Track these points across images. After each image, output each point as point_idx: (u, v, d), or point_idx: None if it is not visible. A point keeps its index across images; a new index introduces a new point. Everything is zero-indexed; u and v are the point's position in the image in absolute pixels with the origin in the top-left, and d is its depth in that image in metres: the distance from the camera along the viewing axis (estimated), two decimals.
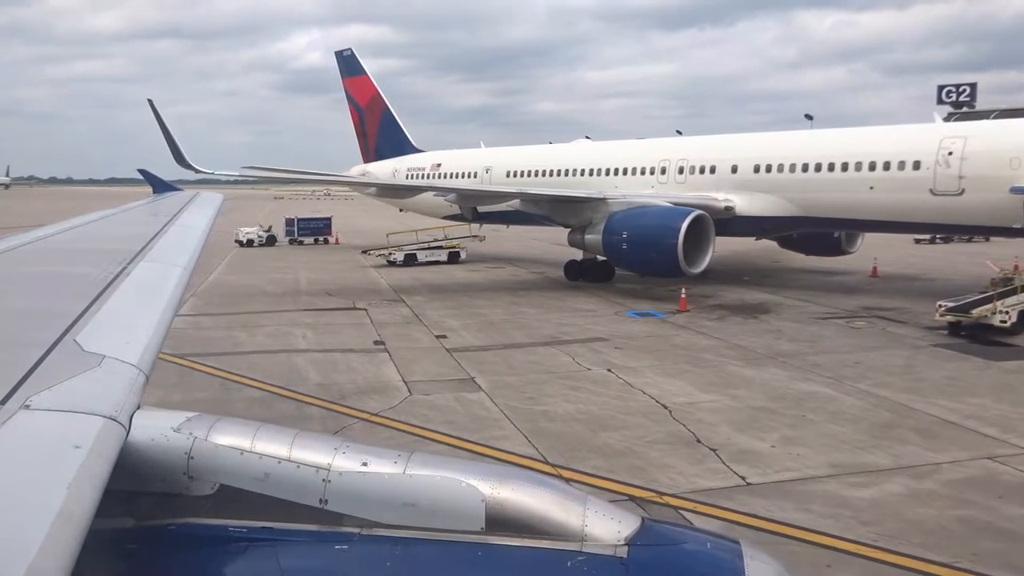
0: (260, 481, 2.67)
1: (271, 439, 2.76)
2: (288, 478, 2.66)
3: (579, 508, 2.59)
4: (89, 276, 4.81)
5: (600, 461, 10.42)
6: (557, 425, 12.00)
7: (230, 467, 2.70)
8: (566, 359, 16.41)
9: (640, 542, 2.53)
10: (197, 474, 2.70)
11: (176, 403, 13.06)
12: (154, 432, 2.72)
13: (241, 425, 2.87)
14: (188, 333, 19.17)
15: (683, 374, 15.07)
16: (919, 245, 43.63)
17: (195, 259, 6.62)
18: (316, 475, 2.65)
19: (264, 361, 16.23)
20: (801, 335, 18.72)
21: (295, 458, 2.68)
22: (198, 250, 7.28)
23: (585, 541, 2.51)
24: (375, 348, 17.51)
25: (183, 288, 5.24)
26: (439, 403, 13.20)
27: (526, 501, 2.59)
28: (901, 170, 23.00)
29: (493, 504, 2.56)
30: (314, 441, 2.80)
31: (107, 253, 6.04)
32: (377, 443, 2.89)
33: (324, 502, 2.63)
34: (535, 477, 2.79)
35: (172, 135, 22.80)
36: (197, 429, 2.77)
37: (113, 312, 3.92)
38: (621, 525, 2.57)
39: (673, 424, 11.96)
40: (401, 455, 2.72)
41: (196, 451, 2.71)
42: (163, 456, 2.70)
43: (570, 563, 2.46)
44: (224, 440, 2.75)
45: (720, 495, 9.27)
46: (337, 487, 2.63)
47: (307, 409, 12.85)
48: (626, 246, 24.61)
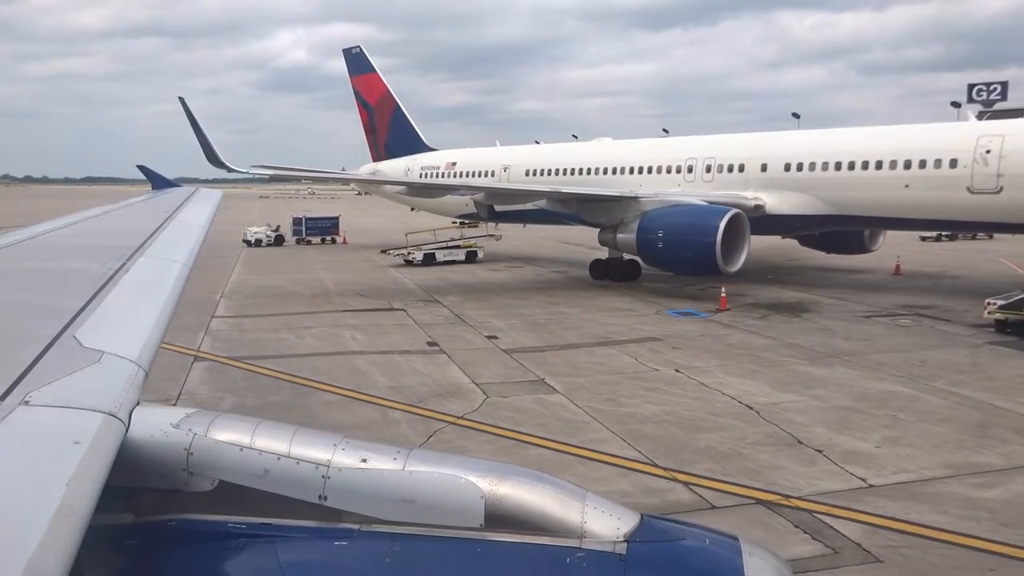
0: (259, 477, 2.66)
1: (270, 435, 2.75)
2: (287, 474, 2.65)
3: (578, 504, 2.59)
4: (89, 272, 4.79)
5: (710, 464, 10.29)
6: (649, 427, 11.86)
7: (229, 463, 2.69)
8: (628, 359, 16.29)
9: (639, 538, 2.54)
10: (197, 470, 2.69)
11: (252, 408, 12.82)
12: (153, 428, 2.71)
13: (240, 421, 2.87)
14: (235, 335, 18.87)
15: (753, 374, 14.98)
16: (925, 243, 44.00)
17: (195, 255, 6.63)
18: (315, 471, 2.64)
19: (324, 363, 15.97)
20: (853, 334, 18.70)
21: (294, 454, 2.68)
22: (198, 246, 7.28)
23: (584, 537, 2.51)
24: (430, 349, 17.29)
25: (183, 284, 5.25)
26: (520, 405, 13.03)
27: (525, 497, 2.59)
28: (937, 168, 23.08)
29: (492, 500, 2.56)
30: (313, 437, 2.79)
31: (106, 249, 6.03)
32: (376, 440, 2.81)
33: (323, 498, 2.62)
34: (534, 474, 2.78)
35: (204, 133, 22.40)
36: (196, 425, 2.76)
37: (113, 308, 3.93)
38: (620, 521, 2.57)
39: (766, 425, 11.87)
40: (400, 452, 2.72)
41: (195, 447, 2.70)
42: (162, 452, 2.69)
43: (569, 559, 2.47)
44: (223, 436, 2.74)
45: (845, 497, 9.16)
46: (336, 483, 2.63)
47: (390, 413, 12.62)
48: (662, 245, 24.51)
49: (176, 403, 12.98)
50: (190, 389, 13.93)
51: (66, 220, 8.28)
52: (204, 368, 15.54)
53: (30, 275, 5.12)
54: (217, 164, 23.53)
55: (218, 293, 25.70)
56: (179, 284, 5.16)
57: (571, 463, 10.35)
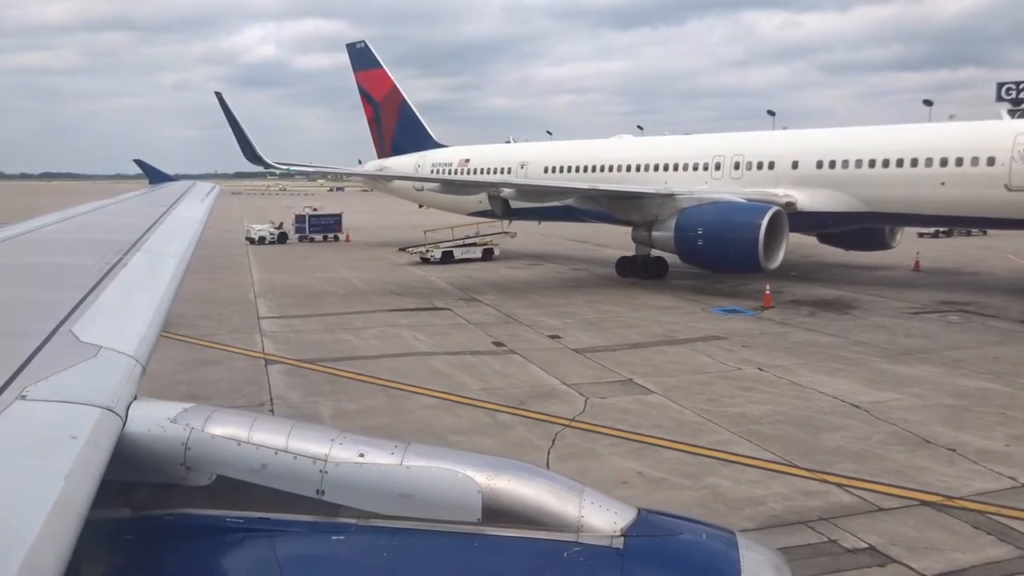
0: (257, 472, 2.66)
1: (268, 430, 2.75)
2: (285, 469, 2.65)
3: (575, 499, 2.60)
4: (85, 266, 4.79)
5: (850, 464, 10.22)
6: (766, 427, 11.78)
7: (227, 458, 2.68)
8: (704, 358, 16.22)
9: (637, 533, 2.55)
10: (194, 465, 2.68)
11: (351, 412, 12.55)
12: (151, 423, 2.70)
13: (238, 416, 2.87)
14: (292, 337, 18.46)
15: (838, 372, 14.99)
16: (923, 239, 44.67)
17: (192, 250, 6.65)
18: (313, 466, 2.64)
19: (399, 365, 15.65)
20: (912, 331, 18.83)
21: (292, 449, 2.67)
22: (195, 241, 7.30)
23: (581, 532, 2.52)
24: (500, 350, 17.06)
25: (180, 279, 5.24)
26: (624, 406, 12.87)
27: (522, 492, 2.59)
28: (974, 166, 23.36)
29: (489, 495, 2.56)
30: (311, 432, 2.79)
31: (103, 243, 6.05)
32: (373, 434, 2.75)
33: (321, 493, 2.62)
34: (531, 468, 2.78)
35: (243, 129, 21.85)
36: (194, 420, 2.75)
37: (110, 303, 3.93)
38: (617, 516, 2.57)
39: (883, 424, 11.84)
40: (398, 446, 2.72)
41: (193, 442, 2.69)
42: (160, 447, 2.68)
43: (566, 554, 2.48)
44: (221, 431, 2.73)
45: (1008, 497, 9.16)
46: (334, 478, 2.63)
47: (499, 416, 12.38)
48: (701, 242, 24.49)
49: (272, 409, 12.63)
50: (279, 394, 13.54)
51: (63, 214, 8.32)
52: (280, 372, 15.15)
53: (27, 270, 5.11)
54: (256, 161, 22.98)
55: (250, 293, 25.21)
56: (176, 279, 5.15)
57: (714, 466, 10.24)
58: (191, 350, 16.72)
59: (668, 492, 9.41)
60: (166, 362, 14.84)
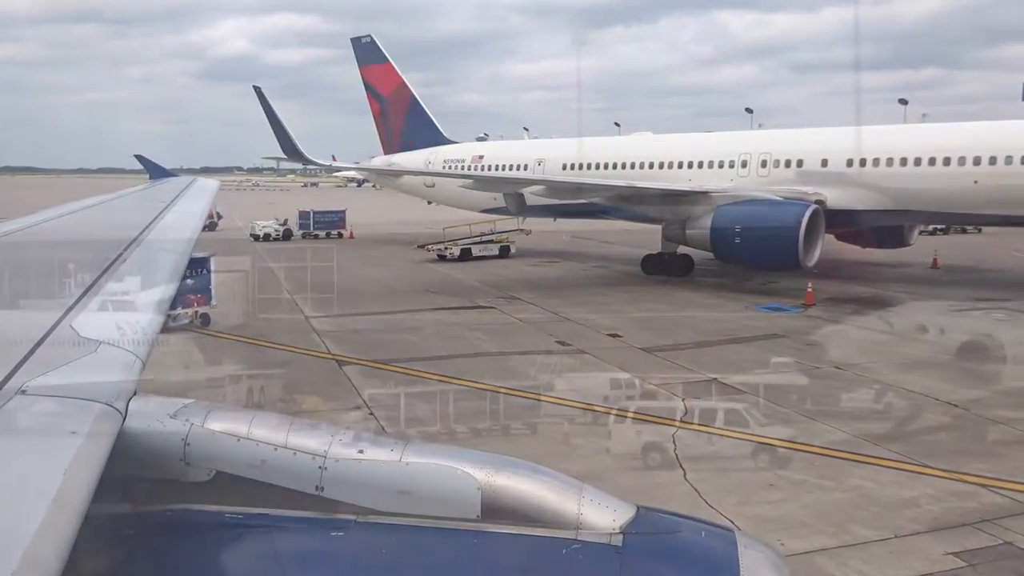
0: (256, 468, 2.65)
1: (267, 426, 2.74)
2: (284, 465, 2.64)
3: (575, 496, 2.59)
4: (86, 262, 4.80)
5: (980, 464, 10.25)
6: (873, 426, 11.79)
7: (226, 453, 2.68)
8: (782, 358, 16.22)
9: (635, 530, 2.54)
10: (193, 460, 2.67)
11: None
12: (151, 418, 2.69)
13: (237, 412, 2.88)
14: (350, 337, 18.15)
15: (914, 369, 15.01)
16: (921, 236, 45.25)
17: (192, 245, 6.73)
18: (312, 462, 2.63)
19: (477, 365, 15.45)
20: (964, 327, 19.05)
21: (291, 445, 2.66)
22: (195, 236, 7.38)
23: (580, 529, 2.52)
24: (566, 349, 16.93)
25: (180, 274, 5.32)
26: (731, 407, 12.76)
27: (522, 489, 2.58)
28: (1008, 164, 23.66)
29: (489, 492, 2.56)
30: (310, 428, 2.79)
31: (104, 239, 6.14)
32: (373, 431, 2.77)
33: (320, 489, 2.61)
34: (530, 466, 2.76)
35: (284, 125, 21.43)
36: (194, 416, 2.74)
37: (110, 298, 3.94)
38: (616, 513, 2.57)
39: (989, 424, 11.90)
40: (397, 443, 2.71)
41: (192, 437, 2.68)
42: (159, 442, 2.67)
43: (565, 551, 2.48)
44: (220, 427, 2.71)
45: None
46: (333, 474, 2.61)
47: (601, 420, 12.24)
48: (739, 240, 24.52)
49: (371, 415, 12.36)
50: (372, 395, 13.24)
51: (64, 210, 8.37)
52: (359, 373, 14.85)
53: (28, 265, 5.21)
54: (294, 155, 22.55)
55: (282, 292, 24.75)
56: (176, 274, 5.19)
57: (845, 467, 10.19)
58: (255, 351, 16.35)
59: (815, 494, 9.35)
60: (239, 364, 14.49)
